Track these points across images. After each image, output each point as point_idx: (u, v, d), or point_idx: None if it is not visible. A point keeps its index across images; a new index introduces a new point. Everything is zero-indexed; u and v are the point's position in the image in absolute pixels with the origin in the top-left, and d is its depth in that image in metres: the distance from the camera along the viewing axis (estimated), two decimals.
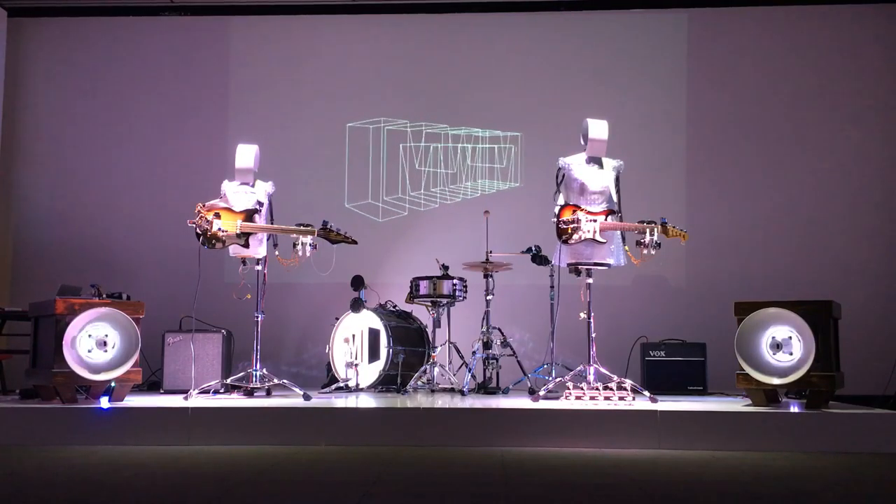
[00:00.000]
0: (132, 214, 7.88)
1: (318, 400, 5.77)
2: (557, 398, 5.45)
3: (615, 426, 4.87)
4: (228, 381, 6.00)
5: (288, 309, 7.47)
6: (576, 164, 5.68)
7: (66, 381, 5.27)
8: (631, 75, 7.78)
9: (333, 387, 6.50)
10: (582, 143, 5.73)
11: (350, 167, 7.89)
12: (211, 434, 4.91)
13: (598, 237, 5.52)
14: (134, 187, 7.93)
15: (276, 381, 5.99)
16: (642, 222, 5.51)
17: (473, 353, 6.56)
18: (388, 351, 6.42)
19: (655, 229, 5.48)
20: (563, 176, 5.69)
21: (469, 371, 6.49)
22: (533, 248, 6.59)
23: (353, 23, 8.06)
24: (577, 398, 5.35)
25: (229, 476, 3.97)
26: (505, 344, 6.64)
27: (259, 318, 6.01)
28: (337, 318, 6.73)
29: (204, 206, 5.86)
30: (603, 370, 5.58)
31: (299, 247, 5.79)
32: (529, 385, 6.40)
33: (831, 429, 4.83)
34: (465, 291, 6.71)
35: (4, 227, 8.02)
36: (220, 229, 5.79)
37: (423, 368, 6.58)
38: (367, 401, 5.82)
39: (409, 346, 6.63)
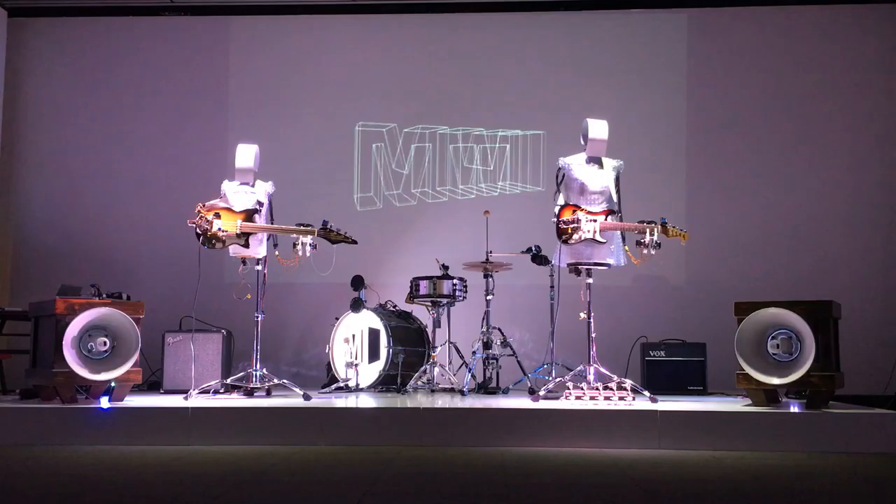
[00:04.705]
0: (132, 214, 7.88)
1: (318, 400, 5.77)
2: (557, 398, 5.45)
3: (615, 426, 4.87)
4: (228, 381, 6.00)
5: (288, 309, 7.47)
6: (576, 164, 5.68)
7: (66, 381, 5.27)
8: (631, 75, 7.78)
9: (333, 387, 6.50)
10: (582, 142, 5.73)
11: (350, 167, 7.89)
12: (211, 434, 4.91)
13: (598, 237, 5.51)
14: (134, 187, 7.93)
15: (276, 381, 5.99)
16: (642, 222, 5.51)
17: (473, 353, 6.56)
18: (388, 351, 6.42)
19: (655, 229, 5.47)
20: (563, 176, 5.69)
21: (469, 371, 6.49)
22: (533, 248, 6.59)
23: (354, 23, 8.06)
24: (577, 398, 5.35)
25: (229, 476, 3.97)
26: (505, 344, 6.64)
27: (259, 318, 6.01)
28: (337, 318, 6.73)
29: (204, 205, 5.86)
30: (603, 370, 5.58)
31: (299, 247, 5.79)
32: (529, 385, 6.39)
33: (831, 429, 4.82)
34: (465, 291, 6.71)
35: (4, 227, 8.02)
36: (220, 229, 5.79)
37: (423, 368, 6.58)
38: (367, 401, 5.82)
39: (409, 346, 6.63)
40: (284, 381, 6.10)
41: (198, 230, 5.81)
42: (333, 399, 5.94)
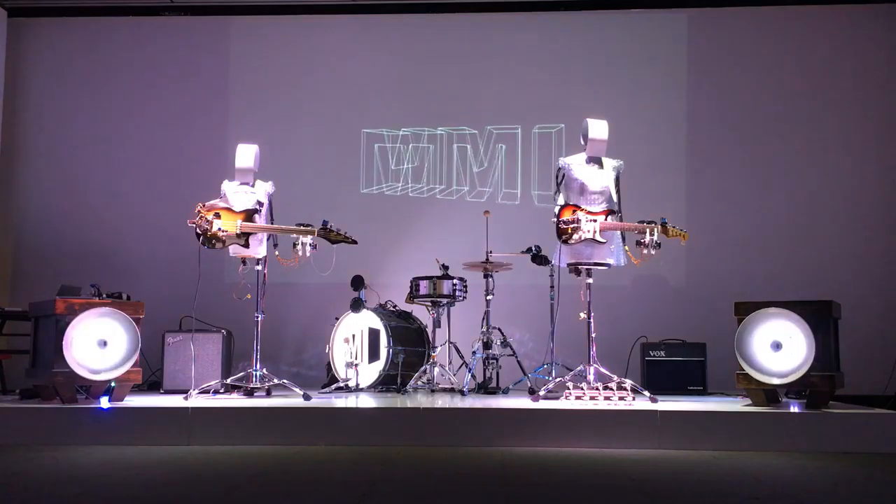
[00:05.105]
0: (132, 214, 7.88)
1: (318, 400, 5.77)
2: (557, 398, 5.45)
3: (615, 426, 4.87)
4: (228, 381, 6.00)
5: (288, 309, 7.47)
6: (576, 164, 5.68)
7: (66, 381, 5.27)
8: (631, 75, 7.78)
9: (333, 387, 6.50)
10: (582, 143, 5.73)
11: (350, 166, 7.89)
12: (211, 434, 4.90)
13: (598, 237, 5.51)
14: (134, 187, 7.93)
15: (276, 381, 5.99)
16: (642, 222, 5.51)
17: (473, 353, 6.56)
18: (388, 351, 6.42)
19: (655, 229, 5.47)
20: (563, 176, 5.69)
21: (469, 371, 6.49)
22: (533, 248, 6.59)
23: (354, 23, 8.06)
24: (577, 398, 5.35)
25: (229, 476, 3.97)
26: (505, 344, 6.64)
27: (259, 318, 6.01)
28: (337, 318, 6.73)
29: (204, 206, 5.86)
30: (603, 370, 5.58)
31: (299, 247, 5.79)
32: (529, 385, 6.39)
33: (831, 429, 4.83)
34: (465, 291, 6.71)
35: (5, 227, 8.02)
36: (220, 229, 5.79)
37: (423, 368, 6.58)
38: (367, 401, 5.82)
39: (409, 346, 6.63)
40: (284, 381, 6.09)
41: (198, 230, 5.81)
42: (333, 399, 5.94)
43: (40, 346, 5.63)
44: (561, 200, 5.64)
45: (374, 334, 6.53)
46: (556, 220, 5.55)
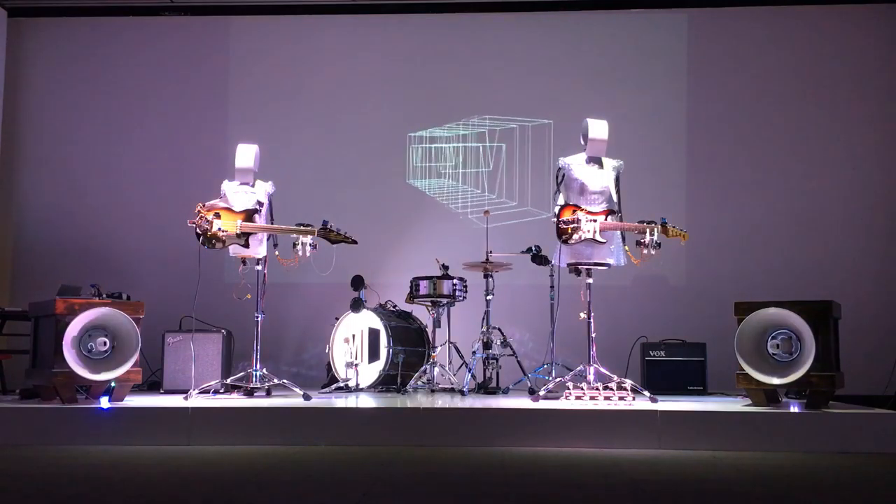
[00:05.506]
0: (132, 214, 7.88)
1: (318, 400, 5.77)
2: (557, 398, 5.45)
3: (615, 426, 4.87)
4: (228, 381, 6.00)
5: (288, 309, 7.47)
6: (576, 164, 5.68)
7: (66, 381, 5.27)
8: (631, 75, 7.78)
9: (333, 387, 6.51)
10: (582, 143, 5.73)
11: (350, 166, 7.89)
12: (211, 434, 4.91)
13: (598, 237, 5.51)
14: (134, 187, 7.93)
15: (276, 381, 5.99)
16: (642, 222, 5.51)
17: (473, 353, 6.56)
18: (388, 351, 6.42)
19: (655, 229, 5.47)
20: (563, 176, 5.69)
21: (469, 371, 6.49)
22: (533, 248, 6.59)
23: (354, 22, 8.06)
24: (577, 398, 5.35)
25: (229, 476, 3.97)
26: (505, 344, 6.64)
27: (259, 318, 6.01)
28: (337, 318, 6.73)
29: (204, 206, 5.86)
30: (603, 370, 5.58)
31: (299, 247, 5.79)
32: (529, 385, 6.40)
33: (831, 429, 4.83)
34: (465, 291, 6.71)
35: (5, 227, 8.02)
36: (220, 229, 5.79)
37: (423, 368, 6.58)
38: (367, 401, 5.82)
39: (409, 346, 6.63)
40: (284, 381, 6.09)
41: (198, 230, 5.81)
42: (333, 399, 5.94)
43: (40, 346, 5.63)
44: (561, 200, 5.64)
45: (374, 334, 6.53)
46: (556, 220, 5.55)
